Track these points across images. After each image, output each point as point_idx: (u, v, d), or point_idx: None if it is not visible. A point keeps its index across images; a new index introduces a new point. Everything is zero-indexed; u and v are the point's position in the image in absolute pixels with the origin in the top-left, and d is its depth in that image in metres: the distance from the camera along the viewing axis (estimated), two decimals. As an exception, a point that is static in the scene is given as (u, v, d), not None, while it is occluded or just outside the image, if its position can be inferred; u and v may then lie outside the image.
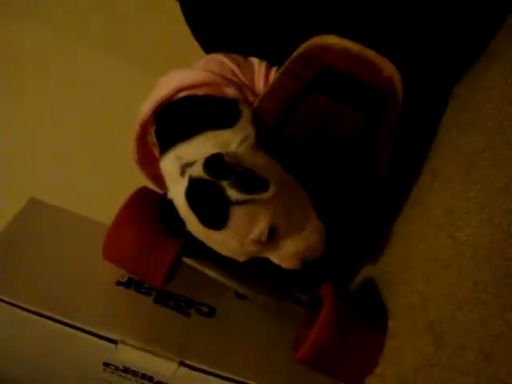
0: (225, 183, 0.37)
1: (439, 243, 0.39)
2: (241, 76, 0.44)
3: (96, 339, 0.41)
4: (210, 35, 0.50)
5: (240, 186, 0.37)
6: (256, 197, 0.38)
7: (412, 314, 0.39)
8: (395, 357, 0.39)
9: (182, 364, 0.41)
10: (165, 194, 0.40)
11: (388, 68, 0.40)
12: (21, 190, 0.49)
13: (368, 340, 0.41)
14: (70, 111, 0.75)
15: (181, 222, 0.39)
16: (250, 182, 0.38)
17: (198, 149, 0.39)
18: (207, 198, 0.37)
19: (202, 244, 0.40)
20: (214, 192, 0.37)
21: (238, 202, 0.37)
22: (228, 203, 0.37)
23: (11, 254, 0.44)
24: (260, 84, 0.44)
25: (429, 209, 0.43)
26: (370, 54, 0.40)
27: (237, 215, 0.38)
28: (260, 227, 0.38)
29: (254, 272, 0.45)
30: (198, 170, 0.38)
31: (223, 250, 0.40)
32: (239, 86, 0.43)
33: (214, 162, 0.37)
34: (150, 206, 0.41)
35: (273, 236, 0.40)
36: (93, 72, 0.77)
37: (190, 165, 0.39)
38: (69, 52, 0.79)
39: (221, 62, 0.45)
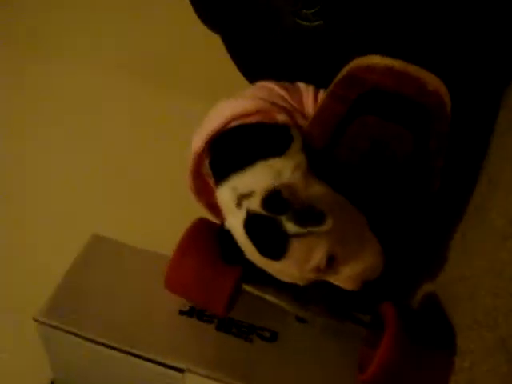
0: (283, 217, 0.38)
1: (503, 255, 0.38)
2: (290, 100, 0.44)
3: (163, 368, 0.42)
4: (254, 66, 0.52)
5: (298, 220, 0.38)
6: (314, 230, 0.38)
7: (481, 331, 0.38)
8: (467, 377, 0.37)
9: (248, 391, 0.41)
10: (223, 224, 0.41)
11: (433, 82, 0.40)
12: (83, 227, 0.51)
13: (436, 359, 0.40)
14: (122, 145, 0.78)
15: (239, 250, 0.40)
16: (308, 215, 0.38)
17: (252, 179, 0.40)
18: (266, 231, 0.39)
19: (261, 271, 0.41)
20: (272, 226, 0.38)
21: (296, 235, 0.38)
22: (286, 236, 0.38)
23: (78, 290, 0.46)
24: (309, 107, 0.44)
25: (489, 219, 0.41)
26: (413, 69, 0.40)
27: (295, 247, 0.39)
28: (318, 257, 0.39)
29: (313, 295, 0.45)
30: (255, 204, 0.39)
31: (283, 277, 0.40)
32: (289, 112, 0.43)
33: (272, 199, 0.38)
34: (208, 236, 0.42)
35: (332, 264, 0.40)
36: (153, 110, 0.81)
37: (245, 196, 0.39)
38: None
39: (269, 88, 0.45)
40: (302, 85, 0.46)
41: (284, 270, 0.40)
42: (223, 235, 0.41)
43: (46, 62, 0.87)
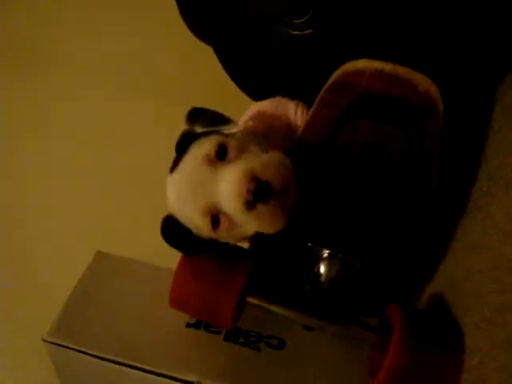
0: (196, 126, 0.43)
1: (506, 251, 0.37)
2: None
3: (173, 382, 0.42)
4: (245, 75, 0.52)
5: (205, 122, 0.43)
6: (218, 128, 0.42)
7: (489, 329, 0.37)
8: (477, 376, 0.37)
9: (258, 400, 0.42)
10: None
11: (423, 82, 0.40)
12: (87, 244, 0.52)
13: (446, 359, 0.40)
14: (123, 161, 0.79)
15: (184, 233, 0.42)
16: (216, 118, 0.43)
17: None
18: (182, 137, 0.43)
19: (264, 282, 0.41)
20: (186, 135, 0.43)
21: (203, 134, 0.42)
22: (192, 138, 0.42)
23: (85, 308, 0.46)
24: (298, 119, 0.46)
25: (490, 215, 0.41)
26: (402, 71, 0.40)
27: (194, 145, 0.41)
28: (209, 144, 0.40)
29: (318, 303, 0.45)
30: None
31: (187, 183, 0.40)
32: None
33: (192, 112, 0.44)
34: (209, 251, 0.43)
35: (223, 155, 0.40)
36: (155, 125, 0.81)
37: None
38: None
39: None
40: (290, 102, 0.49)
41: (187, 169, 0.40)
42: (167, 221, 0.42)
43: (44, 73, 0.89)
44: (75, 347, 0.42)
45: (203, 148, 0.40)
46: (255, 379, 0.43)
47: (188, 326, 0.46)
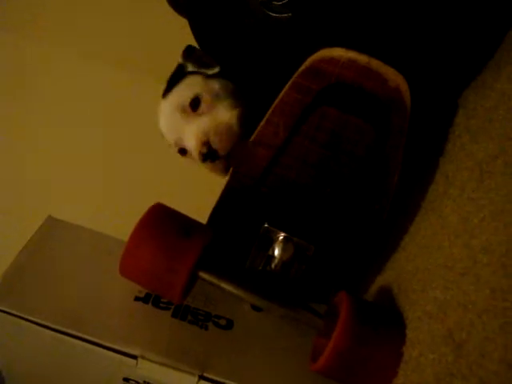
0: (189, 63, 0.52)
1: (455, 251, 0.39)
2: None
3: (116, 355, 0.41)
4: (220, 53, 0.51)
5: (195, 61, 0.51)
6: (203, 70, 0.51)
7: (430, 323, 0.39)
8: (415, 366, 0.38)
9: (201, 378, 0.41)
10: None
11: (394, 78, 0.40)
12: (38, 208, 0.50)
13: (387, 349, 0.41)
14: (85, 126, 0.77)
15: None
16: (203, 60, 0.51)
17: None
18: (176, 70, 0.52)
19: (218, 257, 0.41)
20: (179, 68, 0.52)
21: (191, 72, 0.51)
22: (183, 74, 0.51)
23: (31, 272, 0.44)
24: None
25: (443, 216, 0.43)
26: (375, 64, 0.41)
27: (182, 82, 0.51)
28: (188, 93, 0.50)
29: (269, 284, 0.45)
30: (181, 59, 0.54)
31: (166, 119, 0.51)
32: None
33: (188, 49, 0.52)
34: (164, 222, 0.42)
35: (196, 107, 0.49)
36: (95, 83, 0.79)
37: None
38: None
39: None
40: None
41: (166, 109, 0.51)
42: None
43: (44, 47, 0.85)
44: (16, 313, 0.40)
45: (184, 93, 0.50)
46: (200, 357, 0.42)
47: (136, 299, 0.45)
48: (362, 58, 0.40)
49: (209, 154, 0.48)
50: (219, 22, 0.49)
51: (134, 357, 0.41)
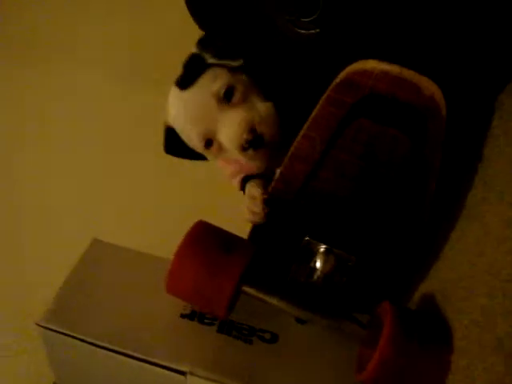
0: (207, 54, 0.49)
1: (498, 257, 0.38)
2: None
3: (165, 371, 0.42)
4: (252, 73, 0.52)
5: (215, 53, 0.49)
6: (226, 62, 0.49)
7: (478, 331, 0.38)
8: (464, 377, 0.38)
9: (249, 391, 0.42)
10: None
11: (428, 86, 0.41)
12: (83, 232, 0.52)
13: (434, 359, 0.41)
14: (121, 149, 0.78)
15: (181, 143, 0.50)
16: (225, 51, 0.49)
17: None
18: (191, 59, 0.49)
19: (261, 273, 0.41)
20: (197, 59, 0.49)
21: (212, 64, 0.48)
22: (204, 66, 0.49)
23: (80, 294, 0.46)
24: None
25: (484, 222, 0.42)
26: (408, 74, 0.41)
27: (207, 74, 0.48)
28: (220, 82, 0.48)
29: (312, 296, 0.45)
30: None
31: (193, 110, 0.49)
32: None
33: (204, 39, 0.50)
34: (208, 239, 0.43)
35: (230, 97, 0.48)
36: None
37: None
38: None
39: None
40: None
41: (192, 98, 0.48)
42: (169, 131, 0.50)
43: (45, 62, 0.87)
44: (69, 333, 0.42)
45: (215, 84, 0.48)
46: (247, 371, 0.43)
47: (182, 316, 0.46)
48: (394, 69, 0.41)
49: (254, 141, 0.47)
50: (249, 43, 0.50)
51: (183, 373, 0.42)
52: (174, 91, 0.50)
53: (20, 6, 0.93)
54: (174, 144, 0.52)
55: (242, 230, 0.46)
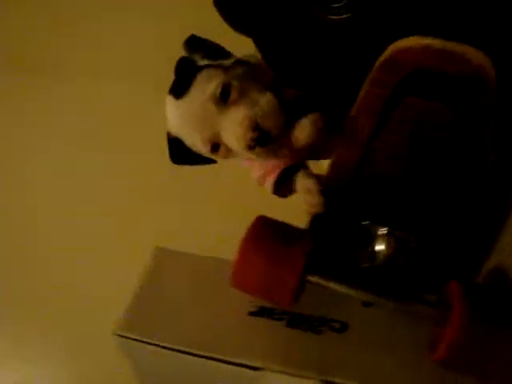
0: (197, 56, 0.46)
1: None
2: None
3: (240, 368, 0.43)
4: (286, 64, 0.53)
5: (205, 54, 0.46)
6: (218, 62, 0.46)
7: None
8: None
9: (325, 383, 0.42)
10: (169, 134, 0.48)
11: (475, 55, 0.40)
12: (142, 241, 0.53)
13: (508, 334, 0.40)
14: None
15: (187, 151, 0.48)
16: (216, 51, 0.47)
17: None
18: (182, 63, 0.46)
19: (323, 260, 0.42)
20: (187, 63, 0.46)
21: (204, 66, 0.46)
22: (195, 69, 0.46)
23: (151, 302, 0.47)
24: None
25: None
26: (451, 46, 0.40)
27: (200, 78, 0.45)
28: (215, 83, 0.45)
29: (376, 280, 0.45)
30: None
31: (192, 118, 0.46)
32: None
33: (191, 39, 0.47)
34: (269, 232, 0.44)
35: (227, 97, 0.45)
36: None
37: None
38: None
39: None
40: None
41: (190, 107, 0.45)
42: (172, 141, 0.48)
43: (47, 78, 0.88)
44: (146, 340, 0.43)
45: (210, 86, 0.45)
46: (321, 362, 0.43)
47: (251, 314, 0.46)
48: (437, 43, 0.40)
49: (261, 138, 0.44)
50: (283, 35, 0.51)
51: (257, 368, 0.43)
52: (170, 100, 0.47)
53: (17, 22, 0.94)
54: (180, 153, 0.49)
55: (301, 221, 0.46)
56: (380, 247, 0.45)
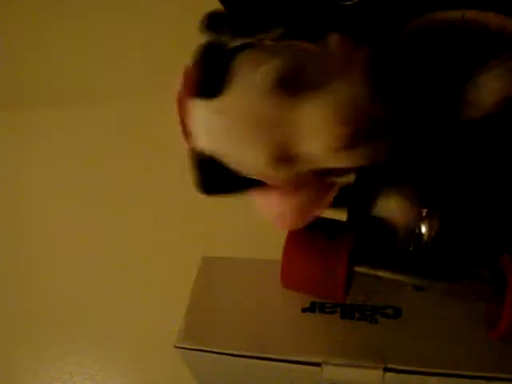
0: (225, 37, 0.33)
1: None
2: None
3: (301, 366, 0.43)
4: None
5: (236, 30, 0.32)
6: (258, 37, 0.32)
7: None
8: None
9: (386, 370, 0.42)
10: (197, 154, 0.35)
11: (496, 20, 0.38)
12: (189, 252, 0.55)
13: None
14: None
15: (221, 175, 0.34)
16: (253, 23, 0.33)
17: None
18: (206, 51, 0.33)
19: (368, 250, 0.41)
20: (215, 49, 0.33)
21: (239, 48, 0.32)
22: (228, 55, 0.32)
23: (205, 310, 0.49)
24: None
25: None
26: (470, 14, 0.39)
27: (238, 65, 0.32)
28: (268, 69, 0.30)
29: (425, 262, 0.44)
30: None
31: (241, 121, 0.32)
32: None
33: (211, 17, 0.33)
34: (312, 228, 0.43)
35: (292, 85, 0.31)
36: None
37: None
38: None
39: None
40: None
41: (231, 109, 0.31)
42: (203, 163, 0.35)
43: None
44: (207, 349, 0.45)
45: (261, 73, 0.31)
46: (379, 350, 0.43)
47: (304, 310, 0.47)
48: (456, 14, 0.39)
49: (357, 137, 0.31)
50: (294, 21, 0.50)
51: (318, 364, 0.43)
52: (199, 105, 0.34)
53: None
54: (215, 178, 0.36)
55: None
56: (424, 229, 0.44)
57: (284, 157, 0.33)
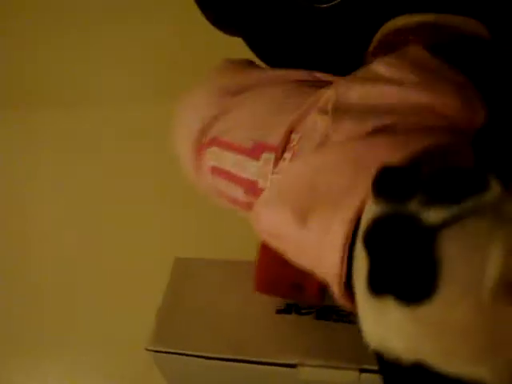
0: (412, 204, 0.23)
1: None
2: None
3: (277, 368, 0.43)
4: (276, 55, 0.51)
5: (436, 197, 0.22)
6: (473, 203, 0.22)
7: None
8: None
9: (362, 371, 0.42)
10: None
11: (469, 25, 0.39)
12: (162, 253, 0.54)
13: None
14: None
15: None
16: (453, 183, 0.23)
17: None
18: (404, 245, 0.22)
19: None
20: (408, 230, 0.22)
21: (443, 225, 0.22)
22: (429, 234, 0.22)
23: (178, 312, 0.47)
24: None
25: None
26: (444, 19, 0.40)
27: (448, 254, 0.22)
28: (494, 262, 0.21)
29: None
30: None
31: (452, 331, 0.24)
32: None
33: (383, 177, 0.23)
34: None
35: None
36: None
37: None
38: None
39: None
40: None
41: (444, 315, 0.23)
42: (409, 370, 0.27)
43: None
44: (179, 351, 0.44)
45: (490, 276, 0.22)
46: (355, 351, 0.42)
47: (278, 312, 0.46)
48: (428, 17, 0.40)
49: None
50: (273, 28, 0.50)
51: (293, 365, 0.43)
52: (400, 312, 0.25)
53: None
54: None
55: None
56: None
57: None
